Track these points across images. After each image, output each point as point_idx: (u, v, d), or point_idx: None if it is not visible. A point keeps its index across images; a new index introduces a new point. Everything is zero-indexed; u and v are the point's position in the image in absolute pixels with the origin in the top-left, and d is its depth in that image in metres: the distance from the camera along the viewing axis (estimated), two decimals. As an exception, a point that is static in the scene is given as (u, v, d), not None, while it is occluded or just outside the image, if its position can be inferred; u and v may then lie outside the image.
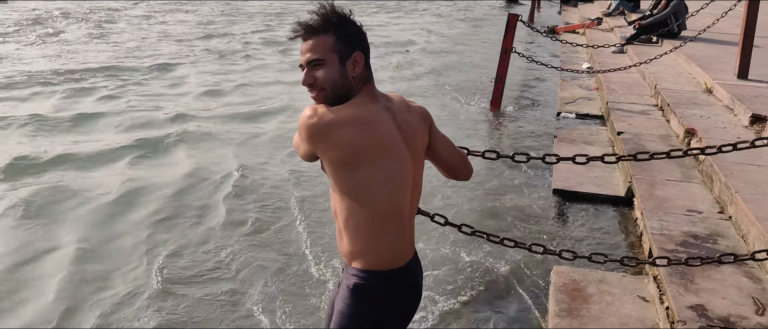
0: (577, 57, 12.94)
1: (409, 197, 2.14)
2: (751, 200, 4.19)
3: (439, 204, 5.49)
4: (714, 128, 6.06)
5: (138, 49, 14.34)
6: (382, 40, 16.60)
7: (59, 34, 16.21)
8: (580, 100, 9.17)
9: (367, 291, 2.08)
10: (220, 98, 10.00)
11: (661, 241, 4.00)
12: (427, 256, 4.58)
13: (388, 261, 2.09)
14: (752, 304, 3.25)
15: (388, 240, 2.09)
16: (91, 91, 10.12)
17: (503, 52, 9.14)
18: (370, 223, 2.06)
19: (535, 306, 3.97)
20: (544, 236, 4.93)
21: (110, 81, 10.91)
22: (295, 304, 4.00)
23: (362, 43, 2.09)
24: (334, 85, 2.04)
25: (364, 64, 2.08)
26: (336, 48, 2.04)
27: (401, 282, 2.13)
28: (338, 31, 2.04)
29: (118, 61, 12.63)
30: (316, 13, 2.05)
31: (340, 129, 1.98)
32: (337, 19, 2.05)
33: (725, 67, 8.46)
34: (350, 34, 2.06)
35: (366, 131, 2.00)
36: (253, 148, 7.40)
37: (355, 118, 2.00)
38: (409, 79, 11.73)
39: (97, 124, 8.25)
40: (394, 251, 2.11)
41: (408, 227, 2.16)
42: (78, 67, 11.97)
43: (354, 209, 2.05)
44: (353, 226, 2.07)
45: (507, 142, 7.75)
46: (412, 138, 2.13)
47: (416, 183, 2.19)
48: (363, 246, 2.08)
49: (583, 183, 5.72)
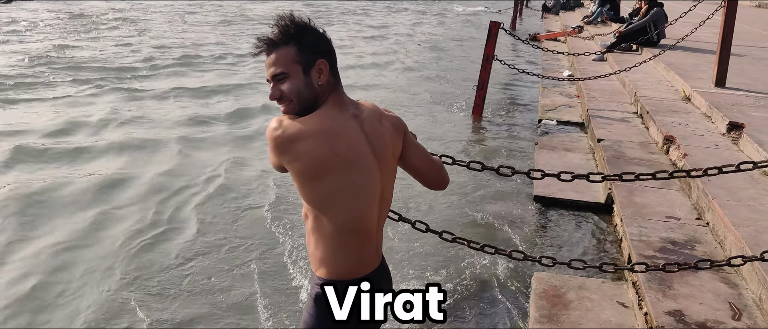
0: (559, 64, 13.05)
1: (377, 209, 2.11)
2: (728, 206, 4.24)
3: (420, 212, 5.52)
4: (692, 135, 6.14)
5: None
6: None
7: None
8: (561, 107, 9.25)
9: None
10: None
11: (640, 247, 4.04)
12: (407, 263, 4.59)
13: (349, 271, 2.08)
14: (729, 309, 3.29)
15: (350, 252, 2.06)
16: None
17: (485, 59, 9.19)
18: (333, 234, 2.04)
19: (516, 311, 4.00)
20: (525, 242, 4.96)
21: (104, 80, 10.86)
22: (278, 309, 4.00)
23: (326, 51, 2.07)
24: (300, 96, 2.02)
25: (329, 71, 2.05)
26: (298, 59, 2.01)
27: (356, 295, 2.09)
28: (299, 42, 2.02)
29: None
30: (276, 26, 2.02)
31: (303, 141, 1.96)
32: (297, 29, 2.02)
33: (703, 75, 8.57)
34: (312, 43, 2.04)
35: (329, 143, 1.97)
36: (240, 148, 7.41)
37: (318, 130, 1.97)
38: (390, 85, 11.77)
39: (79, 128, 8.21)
40: (357, 262, 2.08)
41: (374, 237, 2.13)
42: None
43: (319, 219, 2.04)
44: (318, 235, 2.06)
45: (488, 149, 7.79)
46: (381, 147, 2.10)
47: (385, 195, 2.15)
48: (326, 255, 2.06)
49: (563, 190, 5.77)
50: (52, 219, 5.38)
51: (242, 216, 5.52)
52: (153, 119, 8.87)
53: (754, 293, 3.41)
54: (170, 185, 6.23)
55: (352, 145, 2.02)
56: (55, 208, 5.62)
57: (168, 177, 6.43)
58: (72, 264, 4.61)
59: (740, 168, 3.04)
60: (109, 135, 8.00)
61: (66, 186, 6.16)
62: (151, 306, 4.05)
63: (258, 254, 4.78)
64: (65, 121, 8.55)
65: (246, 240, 5.00)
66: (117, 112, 9.14)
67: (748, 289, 3.49)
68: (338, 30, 19.89)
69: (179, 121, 8.84)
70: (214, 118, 9.14)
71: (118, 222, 5.36)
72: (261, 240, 5.01)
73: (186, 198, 5.93)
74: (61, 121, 8.59)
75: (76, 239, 5.03)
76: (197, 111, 9.49)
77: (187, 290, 4.25)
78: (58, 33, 17.44)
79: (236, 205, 5.74)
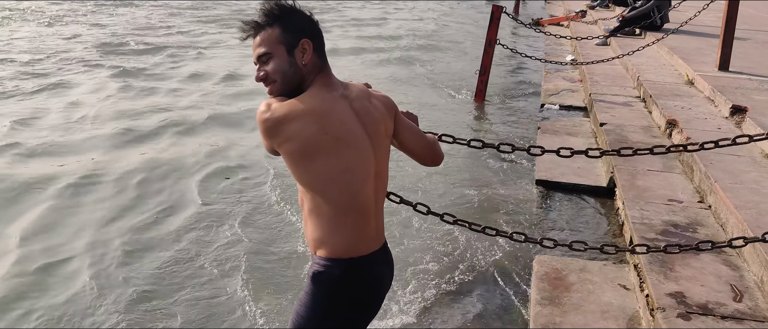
0: (561, 49, 13.00)
1: (373, 186, 2.11)
2: (730, 189, 4.24)
3: (422, 194, 5.52)
4: (695, 119, 6.12)
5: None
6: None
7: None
8: (564, 92, 9.22)
9: (326, 279, 2.07)
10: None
11: (642, 230, 4.04)
12: (409, 245, 4.60)
13: (349, 249, 2.08)
14: (730, 291, 3.29)
15: (348, 230, 2.07)
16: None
17: (487, 43, 9.16)
18: (330, 213, 2.05)
19: (517, 294, 4.01)
20: (526, 226, 4.97)
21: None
22: (277, 295, 4.01)
23: (311, 31, 2.08)
24: (285, 76, 2.05)
25: (313, 51, 2.06)
26: (282, 39, 2.04)
27: (363, 272, 2.11)
28: (283, 23, 2.04)
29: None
30: (261, 9, 2.06)
31: (291, 122, 1.98)
32: (281, 11, 2.05)
33: (707, 59, 8.53)
34: (297, 24, 2.06)
35: (318, 122, 1.99)
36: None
37: (307, 110, 1.99)
38: (391, 68, 11.73)
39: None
40: (356, 240, 2.09)
41: (372, 215, 2.12)
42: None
43: (314, 199, 2.05)
44: (315, 216, 2.07)
45: (491, 133, 7.78)
46: (373, 125, 2.11)
47: (380, 172, 2.15)
48: (324, 235, 2.07)
49: (565, 174, 5.76)
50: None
51: (243, 202, 5.52)
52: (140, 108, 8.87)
53: (756, 275, 3.41)
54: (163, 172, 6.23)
55: (342, 123, 2.04)
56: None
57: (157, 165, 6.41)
58: (58, 260, 4.57)
59: (736, 141, 3.03)
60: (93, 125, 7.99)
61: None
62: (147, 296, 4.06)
63: (255, 244, 4.79)
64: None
65: (245, 228, 5.01)
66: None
67: (750, 271, 3.49)
68: (336, 17, 19.78)
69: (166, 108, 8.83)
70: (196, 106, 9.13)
71: (112, 211, 5.35)
72: (262, 227, 5.03)
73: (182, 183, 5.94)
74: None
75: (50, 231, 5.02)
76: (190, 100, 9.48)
77: (177, 283, 4.26)
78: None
79: (238, 190, 5.75)
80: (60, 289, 4.09)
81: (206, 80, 10.47)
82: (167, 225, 5.00)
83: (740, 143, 3.04)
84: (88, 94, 9.29)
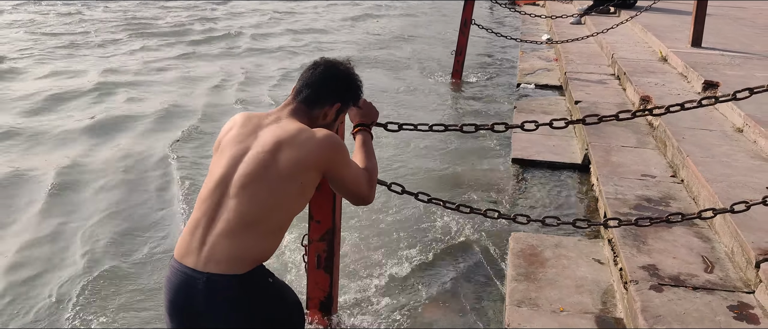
0: (537, 28, 13.03)
1: (222, 206, 2.14)
2: (702, 163, 4.29)
3: (396, 174, 5.51)
4: (668, 95, 6.17)
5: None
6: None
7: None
8: (540, 71, 9.26)
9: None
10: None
11: (616, 205, 4.08)
12: (384, 224, 4.60)
13: (177, 250, 2.18)
14: (701, 262, 3.34)
15: (186, 231, 2.18)
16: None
17: (463, 24, 9.15)
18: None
19: (493, 270, 4.03)
20: (502, 203, 4.99)
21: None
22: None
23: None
24: None
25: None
26: None
27: (174, 278, 2.14)
28: None
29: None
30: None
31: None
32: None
33: (680, 36, 8.60)
34: None
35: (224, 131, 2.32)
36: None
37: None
38: (367, 50, 11.70)
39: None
40: (184, 243, 2.16)
41: (212, 231, 2.12)
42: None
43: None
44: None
45: (467, 113, 7.80)
46: (256, 158, 2.18)
47: (244, 201, 2.14)
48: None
49: (541, 152, 5.80)
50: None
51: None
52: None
53: (727, 246, 3.47)
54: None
55: (231, 140, 2.26)
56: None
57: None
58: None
59: (702, 103, 3.06)
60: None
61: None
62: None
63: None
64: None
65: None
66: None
67: (721, 243, 3.54)
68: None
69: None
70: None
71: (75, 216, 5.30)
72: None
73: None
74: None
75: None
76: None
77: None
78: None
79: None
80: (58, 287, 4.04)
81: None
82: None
83: (705, 105, 3.06)
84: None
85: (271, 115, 2.32)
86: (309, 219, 3.19)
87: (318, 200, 3.14)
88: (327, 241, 3.20)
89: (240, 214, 2.11)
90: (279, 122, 2.27)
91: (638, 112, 3.21)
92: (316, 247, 3.21)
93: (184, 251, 2.13)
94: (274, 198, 2.14)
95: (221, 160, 2.21)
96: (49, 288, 3.88)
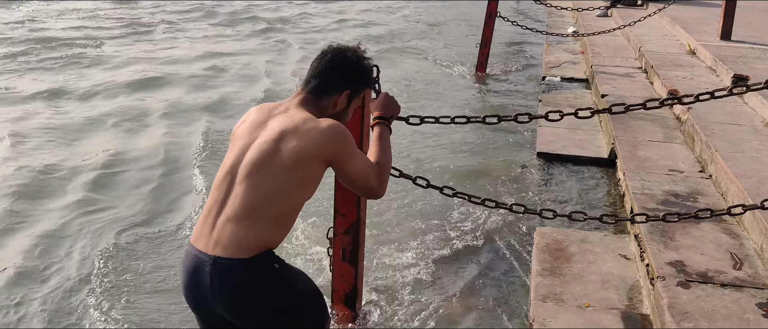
0: (563, 21, 12.91)
1: (230, 193, 2.19)
2: (731, 158, 4.23)
3: (420, 168, 5.51)
4: (696, 89, 6.08)
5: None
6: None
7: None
8: (566, 64, 9.17)
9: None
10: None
11: (643, 201, 4.04)
12: (409, 217, 4.61)
13: (192, 235, 2.25)
14: (730, 259, 3.31)
15: (201, 217, 2.25)
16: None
17: (488, 16, 9.11)
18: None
19: (519, 265, 4.02)
20: (528, 198, 4.97)
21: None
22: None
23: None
24: None
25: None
26: None
27: (187, 261, 2.22)
28: None
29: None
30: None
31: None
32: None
33: (709, 29, 8.48)
34: None
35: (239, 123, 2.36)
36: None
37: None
38: (392, 42, 11.68)
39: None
40: (197, 228, 2.23)
41: (221, 217, 2.18)
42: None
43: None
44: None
45: (492, 107, 7.77)
46: (261, 147, 2.21)
47: (251, 187, 2.18)
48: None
49: (567, 146, 5.76)
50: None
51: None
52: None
53: (756, 243, 3.42)
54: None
55: (243, 131, 2.31)
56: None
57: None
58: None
59: (733, 92, 3.02)
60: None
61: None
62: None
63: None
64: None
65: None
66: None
67: (750, 239, 3.50)
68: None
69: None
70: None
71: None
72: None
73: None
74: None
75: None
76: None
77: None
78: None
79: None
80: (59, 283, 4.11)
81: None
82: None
83: (736, 93, 3.02)
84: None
85: (281, 105, 2.34)
86: (334, 212, 3.21)
87: (343, 193, 3.16)
88: (352, 234, 3.22)
89: (245, 201, 2.15)
90: (287, 112, 2.29)
91: (666, 100, 3.17)
92: (342, 240, 3.23)
93: (197, 235, 2.21)
94: (276, 186, 2.16)
95: (233, 149, 2.27)
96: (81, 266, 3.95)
